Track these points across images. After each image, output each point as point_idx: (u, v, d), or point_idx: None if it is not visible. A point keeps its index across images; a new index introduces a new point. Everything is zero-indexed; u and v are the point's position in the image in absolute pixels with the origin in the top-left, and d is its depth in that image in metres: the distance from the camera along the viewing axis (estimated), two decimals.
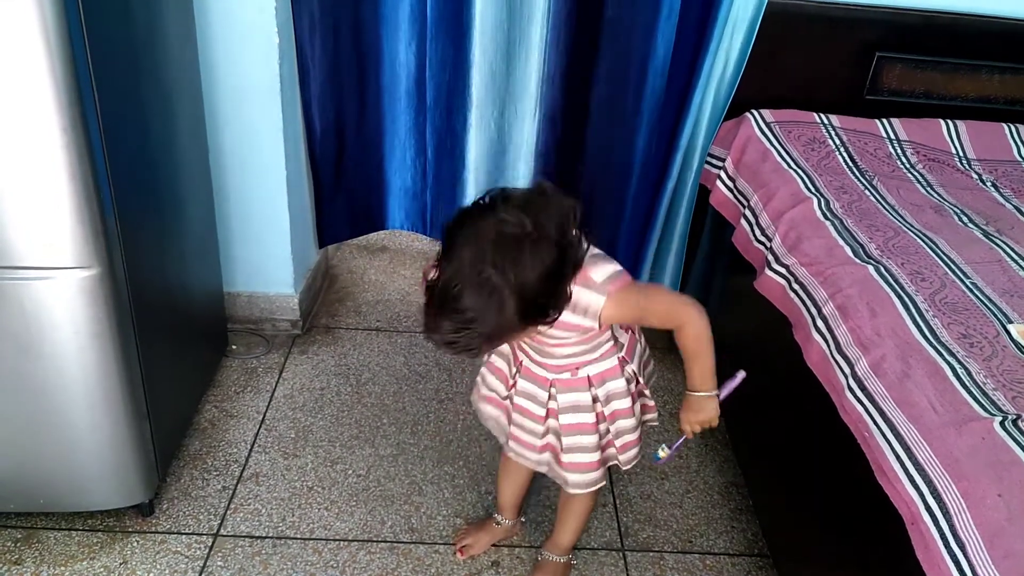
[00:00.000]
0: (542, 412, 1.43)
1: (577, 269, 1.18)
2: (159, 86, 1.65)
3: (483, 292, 1.08)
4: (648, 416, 1.53)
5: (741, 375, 1.41)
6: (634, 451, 1.50)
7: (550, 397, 1.41)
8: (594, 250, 1.24)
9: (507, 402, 1.49)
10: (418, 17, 2.07)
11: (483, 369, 1.53)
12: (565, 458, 1.46)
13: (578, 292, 1.21)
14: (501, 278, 1.08)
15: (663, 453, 1.45)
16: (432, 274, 1.15)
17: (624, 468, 1.51)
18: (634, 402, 1.43)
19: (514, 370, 1.45)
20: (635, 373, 1.43)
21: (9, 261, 1.36)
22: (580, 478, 1.49)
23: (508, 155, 2.29)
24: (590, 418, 1.42)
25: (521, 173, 2.30)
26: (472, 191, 2.33)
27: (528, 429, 1.47)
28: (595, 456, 1.46)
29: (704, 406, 1.37)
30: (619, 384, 1.41)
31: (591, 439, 1.44)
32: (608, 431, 1.45)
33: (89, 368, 1.48)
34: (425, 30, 2.08)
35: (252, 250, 2.25)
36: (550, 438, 1.46)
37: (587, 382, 1.39)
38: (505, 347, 1.47)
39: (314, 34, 2.05)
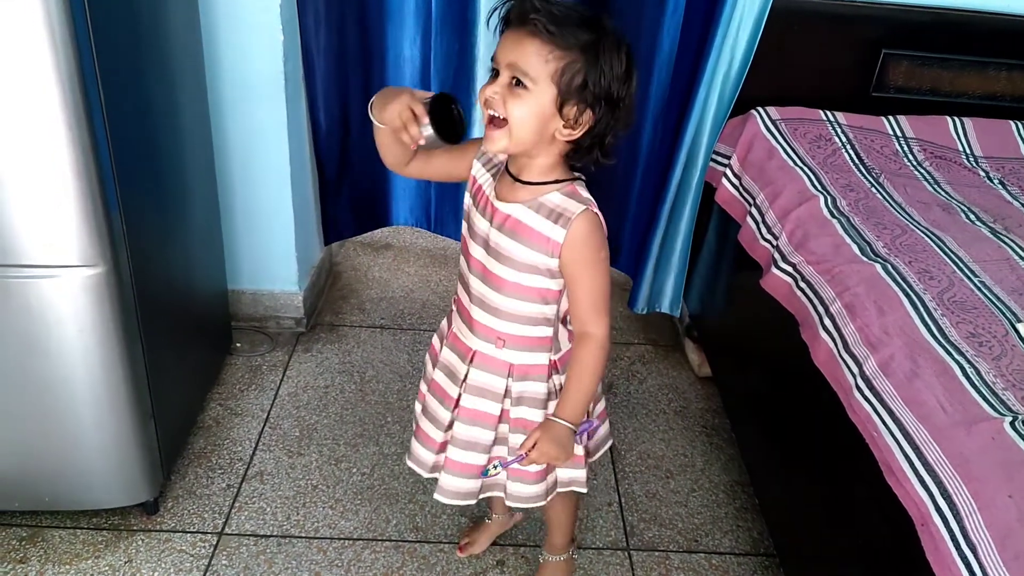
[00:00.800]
0: (455, 393, 1.34)
1: (623, 129, 1.17)
2: (164, 84, 1.64)
3: (584, 13, 1.09)
4: (572, 474, 1.40)
5: (596, 422, 1.36)
6: (532, 489, 1.37)
7: (465, 377, 1.33)
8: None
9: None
10: (423, 12, 2.07)
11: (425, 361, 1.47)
12: (450, 452, 1.37)
13: (560, 199, 1.18)
14: (606, 23, 1.09)
15: (493, 471, 1.34)
16: None
17: (508, 503, 1.42)
18: None
19: (443, 345, 1.38)
20: (561, 390, 1.31)
21: (15, 259, 1.35)
22: (453, 483, 1.39)
23: None
24: (494, 409, 1.32)
25: None
26: None
27: (434, 416, 1.38)
28: (481, 459, 1.36)
29: (567, 441, 1.25)
30: (538, 388, 1.31)
31: (486, 435, 1.34)
32: (505, 438, 1.35)
33: (94, 366, 1.48)
34: (430, 25, 2.08)
35: (256, 247, 2.24)
36: (448, 434, 1.38)
37: (507, 368, 1.30)
38: (444, 325, 1.40)
39: (319, 30, 2.05)
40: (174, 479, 1.82)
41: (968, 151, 2.10)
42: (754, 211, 1.90)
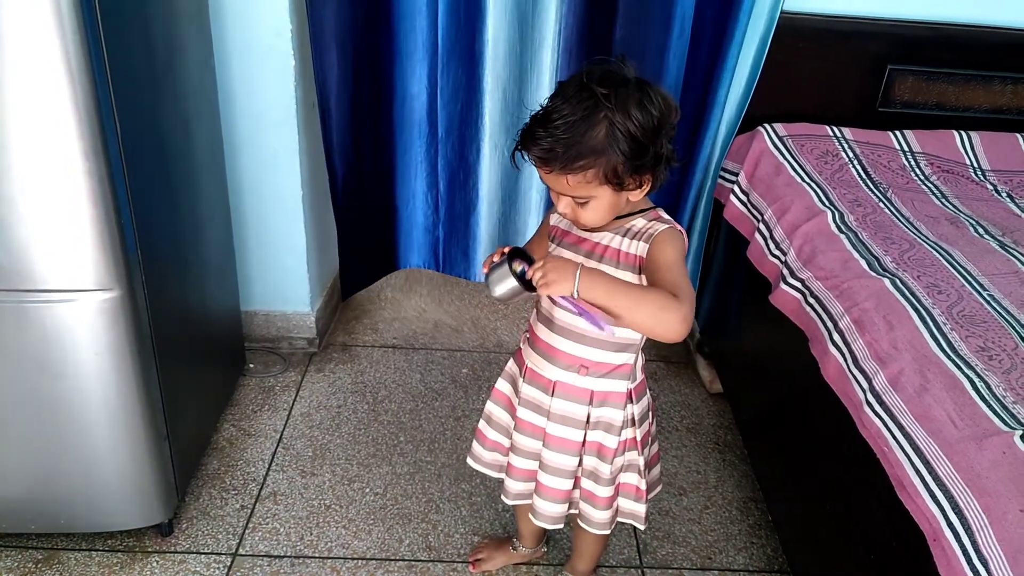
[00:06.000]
0: (543, 422, 1.39)
1: (666, 162, 1.18)
2: (178, 111, 1.67)
3: (583, 101, 1.10)
4: (634, 507, 1.43)
5: (597, 326, 1.15)
6: (603, 515, 1.42)
7: (549, 407, 1.37)
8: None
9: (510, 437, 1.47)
10: (430, 45, 2.05)
11: (485, 411, 1.50)
12: (540, 477, 1.43)
13: (643, 223, 1.24)
14: (604, 97, 1.09)
15: (497, 259, 1.21)
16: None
17: (582, 524, 1.46)
18: (617, 453, 1.37)
19: (520, 383, 1.41)
20: (634, 420, 1.36)
21: (32, 284, 1.38)
22: (547, 507, 1.44)
23: (522, 184, 2.28)
24: (578, 436, 1.37)
25: (535, 202, 2.30)
26: (486, 223, 2.32)
27: (527, 450, 1.43)
28: (568, 484, 1.42)
29: (567, 273, 1.10)
30: (615, 415, 1.35)
31: (571, 462, 1.39)
32: (582, 463, 1.40)
33: (109, 389, 1.49)
34: (437, 58, 2.07)
35: (269, 269, 2.26)
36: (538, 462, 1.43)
37: (588, 396, 1.34)
38: (513, 366, 1.45)
39: (332, 71, 2.03)
40: (188, 500, 1.83)
41: (975, 165, 2.10)
42: (762, 227, 1.90)
